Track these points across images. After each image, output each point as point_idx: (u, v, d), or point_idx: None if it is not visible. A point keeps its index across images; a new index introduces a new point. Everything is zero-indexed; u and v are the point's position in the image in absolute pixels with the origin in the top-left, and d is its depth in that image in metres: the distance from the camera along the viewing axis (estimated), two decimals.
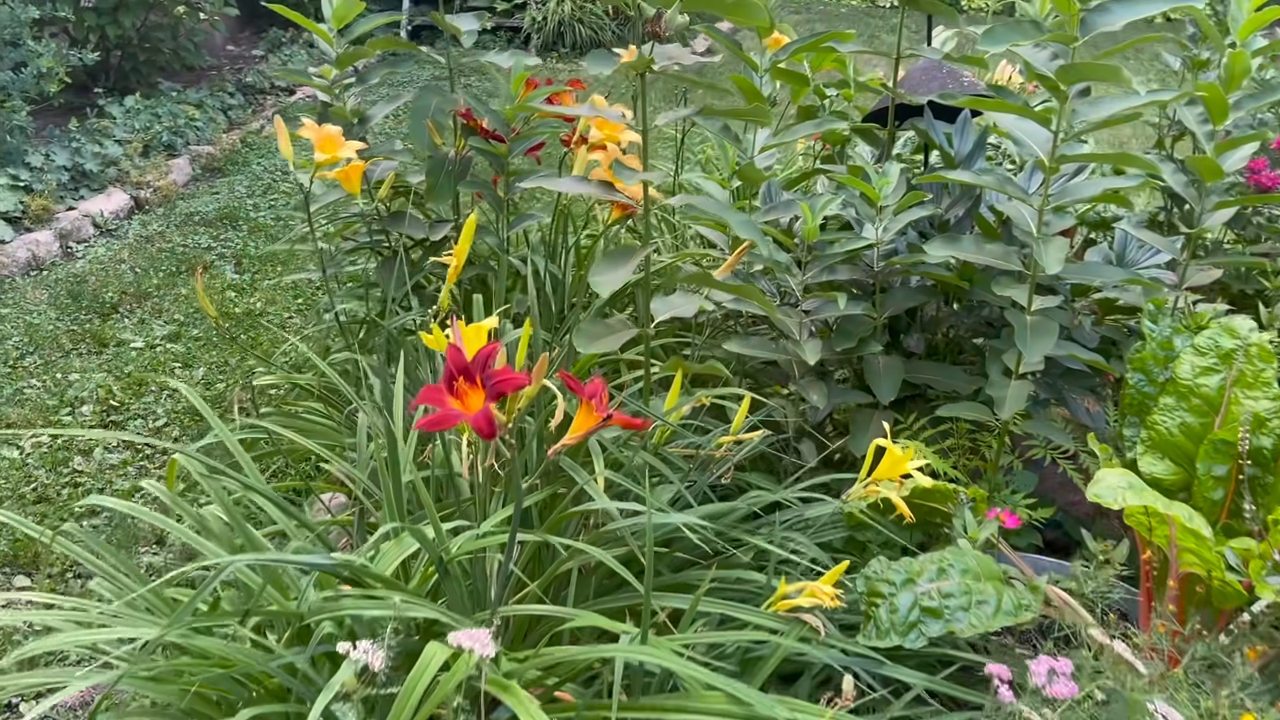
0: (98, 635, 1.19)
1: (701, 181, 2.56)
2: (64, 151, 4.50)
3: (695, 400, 1.73)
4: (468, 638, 0.99)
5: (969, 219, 2.26)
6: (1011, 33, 1.68)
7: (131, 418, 2.81)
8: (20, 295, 3.54)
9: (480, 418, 1.08)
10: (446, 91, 2.38)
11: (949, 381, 2.17)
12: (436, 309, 1.53)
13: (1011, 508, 2.03)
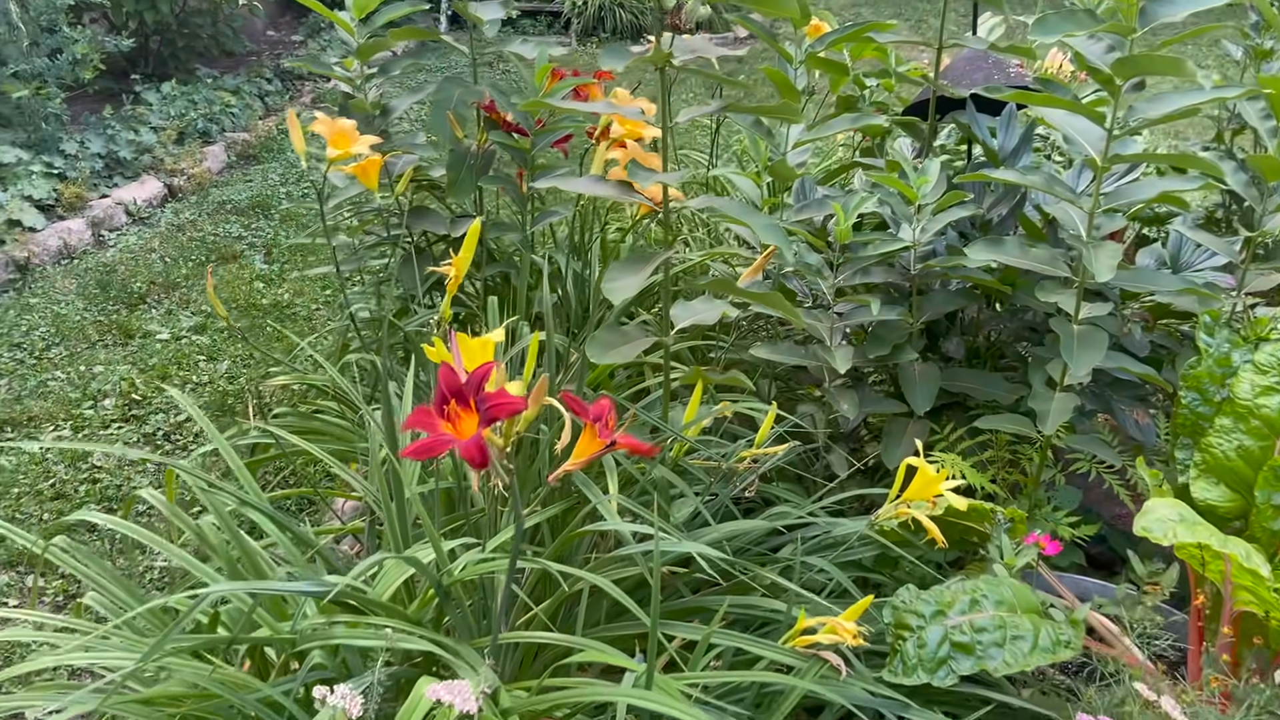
0: (72, 658, 1.13)
1: (734, 177, 2.47)
2: (99, 139, 4.49)
3: (717, 412, 1.64)
4: (447, 691, 0.91)
5: (1012, 219, 2.15)
6: (1065, 22, 1.57)
7: (153, 411, 2.77)
8: (50, 284, 3.53)
9: (471, 445, 1.00)
10: (469, 82, 2.30)
11: (989, 390, 2.06)
12: (439, 319, 1.45)
13: (1053, 527, 1.93)
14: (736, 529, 1.58)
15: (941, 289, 2.18)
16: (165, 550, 1.35)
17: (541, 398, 1.10)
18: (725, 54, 1.56)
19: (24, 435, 2.65)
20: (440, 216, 2.37)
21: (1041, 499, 2.01)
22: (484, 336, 1.27)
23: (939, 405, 2.18)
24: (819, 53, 2.22)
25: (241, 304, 3.41)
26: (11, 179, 4.04)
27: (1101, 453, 1.87)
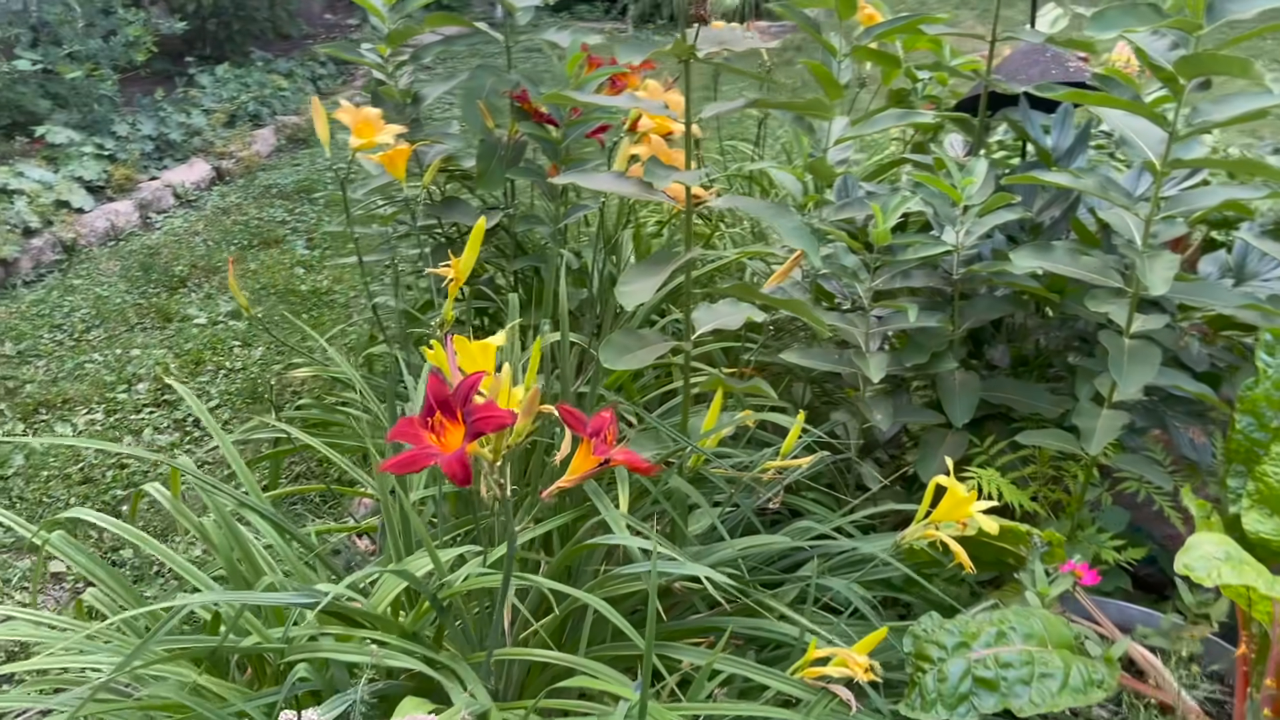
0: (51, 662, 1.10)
1: (776, 172, 2.39)
2: (150, 121, 4.52)
3: (738, 421, 1.57)
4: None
5: (1065, 223, 2.04)
6: (1125, 17, 1.46)
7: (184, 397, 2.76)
8: (94, 266, 3.55)
9: (453, 461, 0.94)
10: (502, 71, 2.25)
11: (1033, 402, 1.96)
12: (439, 321, 1.40)
13: (1095, 550, 1.83)
14: (752, 544, 1.51)
15: (987, 294, 2.08)
16: (157, 552, 1.32)
17: (533, 410, 1.03)
18: (759, 45, 1.48)
19: (58, 417, 2.66)
20: (470, 208, 2.32)
21: (1086, 519, 1.91)
22: (485, 341, 1.21)
23: (980, 416, 2.08)
24: (869, 44, 2.12)
25: (280, 289, 3.40)
26: (63, 160, 4.07)
27: (1149, 474, 1.76)
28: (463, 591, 1.29)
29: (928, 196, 1.91)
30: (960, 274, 1.92)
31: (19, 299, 3.29)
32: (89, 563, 1.35)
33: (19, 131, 4.38)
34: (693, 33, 1.36)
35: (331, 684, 1.17)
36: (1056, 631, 1.34)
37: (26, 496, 2.35)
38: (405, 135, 2.30)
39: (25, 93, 4.41)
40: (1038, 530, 1.64)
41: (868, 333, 1.92)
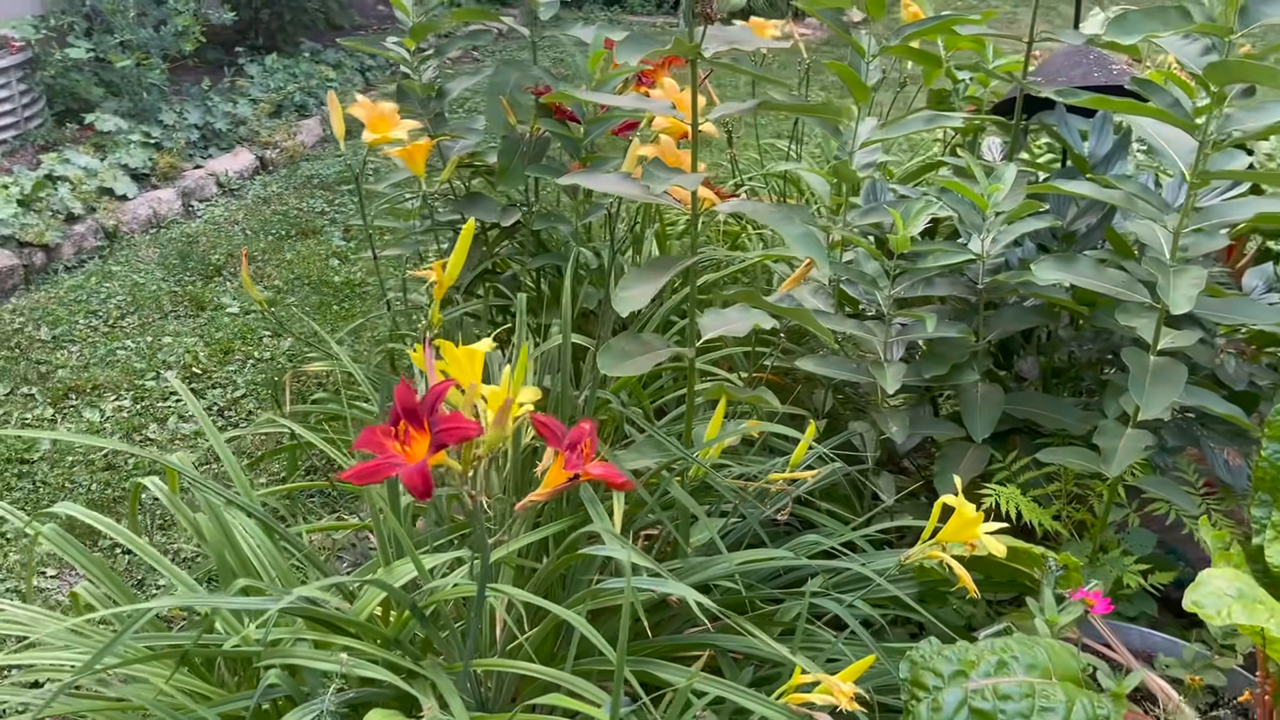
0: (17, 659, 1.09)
1: (805, 173, 2.33)
2: (197, 110, 4.57)
3: (742, 430, 1.53)
4: None
5: (1099, 233, 1.97)
6: (1149, 21, 1.40)
7: (212, 386, 2.78)
8: (134, 253, 3.60)
9: (414, 473, 0.92)
10: (527, 66, 2.22)
11: (1059, 418, 1.89)
12: (427, 325, 1.37)
13: (1119, 574, 1.76)
14: (751, 559, 1.46)
15: (1015, 304, 2.02)
16: (140, 551, 1.31)
17: (506, 421, 1.00)
18: (771, 45, 1.44)
19: (86, 403, 2.69)
20: (493, 204, 2.30)
21: (1112, 541, 1.84)
22: (470, 347, 1.18)
23: (1005, 430, 2.01)
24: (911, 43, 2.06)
25: (314, 280, 3.41)
26: (111, 147, 4.13)
27: (1175, 497, 1.69)
28: (444, 600, 1.27)
29: (953, 202, 1.85)
30: (985, 283, 1.86)
31: (59, 284, 3.34)
32: (80, 556, 1.35)
33: (71, 119, 4.45)
34: (700, 31, 1.32)
35: (300, 692, 1.15)
36: (1062, 662, 1.29)
37: (50, 481, 2.37)
38: (430, 130, 2.29)
39: (79, 80, 4.49)
40: (1053, 553, 1.58)
41: (887, 341, 1.86)
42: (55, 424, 2.60)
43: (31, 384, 2.76)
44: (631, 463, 1.49)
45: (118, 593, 1.38)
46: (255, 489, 2.12)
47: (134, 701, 1.06)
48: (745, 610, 1.41)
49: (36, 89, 4.40)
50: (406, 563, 1.32)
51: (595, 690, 1.18)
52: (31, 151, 4.20)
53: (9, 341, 2.96)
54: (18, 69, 4.26)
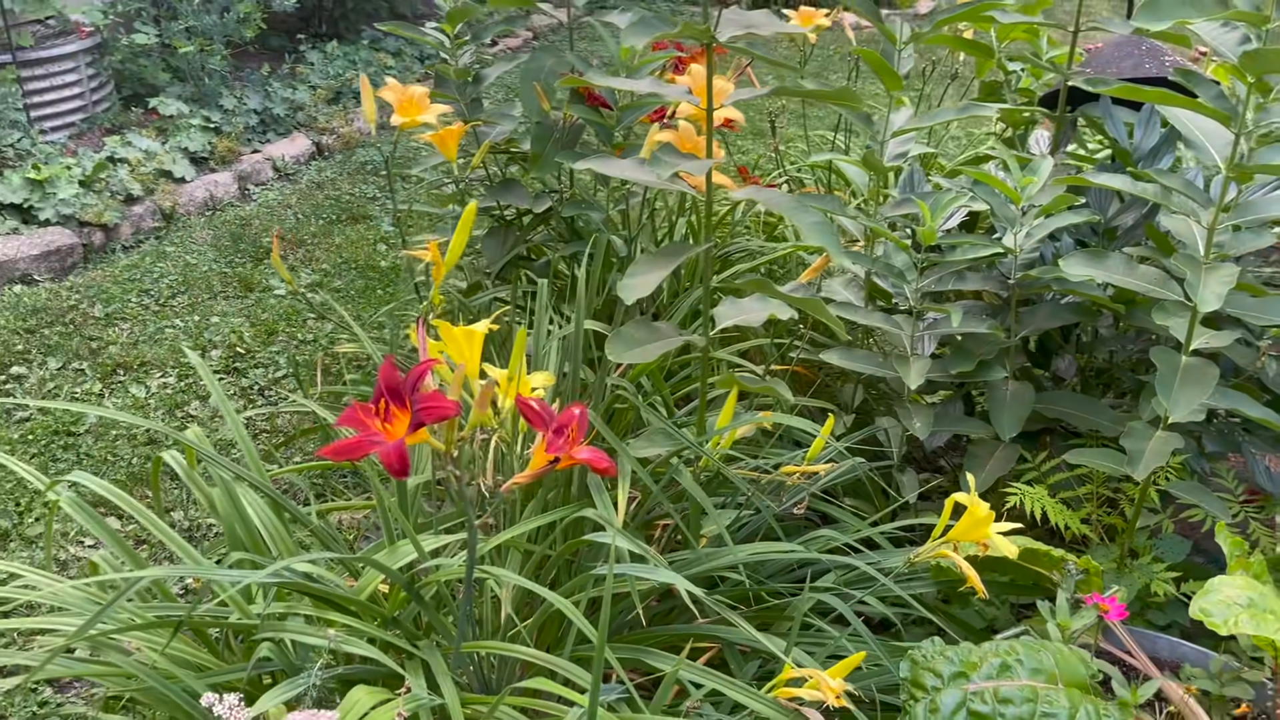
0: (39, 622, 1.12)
1: (842, 164, 2.30)
2: (256, 95, 4.64)
3: (755, 421, 1.51)
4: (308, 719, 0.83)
5: (1140, 229, 1.91)
6: (1181, 7, 1.34)
7: (255, 365, 2.83)
8: (189, 234, 3.67)
9: (391, 451, 0.92)
10: (562, 52, 2.22)
11: (1092, 418, 1.84)
12: (427, 305, 1.38)
13: (1147, 580, 1.71)
14: (759, 551, 1.45)
15: (1051, 301, 1.96)
16: (149, 524, 1.34)
17: (487, 401, 1.00)
18: (792, 30, 1.41)
19: (133, 379, 2.75)
20: (525, 190, 2.30)
21: (1143, 547, 1.79)
22: (469, 327, 1.18)
23: (1037, 430, 1.97)
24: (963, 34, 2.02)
25: (361, 264, 3.45)
26: (173, 131, 4.22)
27: (1208, 504, 1.64)
28: (443, 580, 1.27)
29: (986, 195, 1.81)
30: (1017, 278, 1.82)
31: (115, 263, 3.42)
32: (96, 525, 1.38)
33: (137, 103, 4.56)
34: (716, 14, 1.30)
35: (294, 666, 1.16)
36: (1070, 667, 1.25)
37: (93, 454, 2.43)
38: (465, 115, 2.30)
39: (146, 65, 4.60)
40: (1073, 557, 1.54)
41: (914, 335, 1.83)
42: (103, 399, 2.67)
43: (83, 359, 2.84)
44: (641, 451, 1.48)
45: (131, 562, 1.40)
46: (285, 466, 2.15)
47: (120, 667, 1.08)
48: (753, 603, 1.39)
49: (104, 73, 4.51)
50: (406, 544, 1.33)
51: (572, 672, 1.18)
52: (98, 134, 4.31)
53: (64, 318, 3.04)
54: (86, 54, 4.37)
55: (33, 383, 2.72)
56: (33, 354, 2.84)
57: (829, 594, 1.37)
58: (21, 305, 3.09)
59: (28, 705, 1.76)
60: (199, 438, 1.47)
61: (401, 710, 0.97)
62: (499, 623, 1.40)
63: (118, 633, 1.13)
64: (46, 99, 4.20)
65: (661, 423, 1.44)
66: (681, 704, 1.24)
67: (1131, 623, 1.77)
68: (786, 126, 4.04)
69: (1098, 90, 1.54)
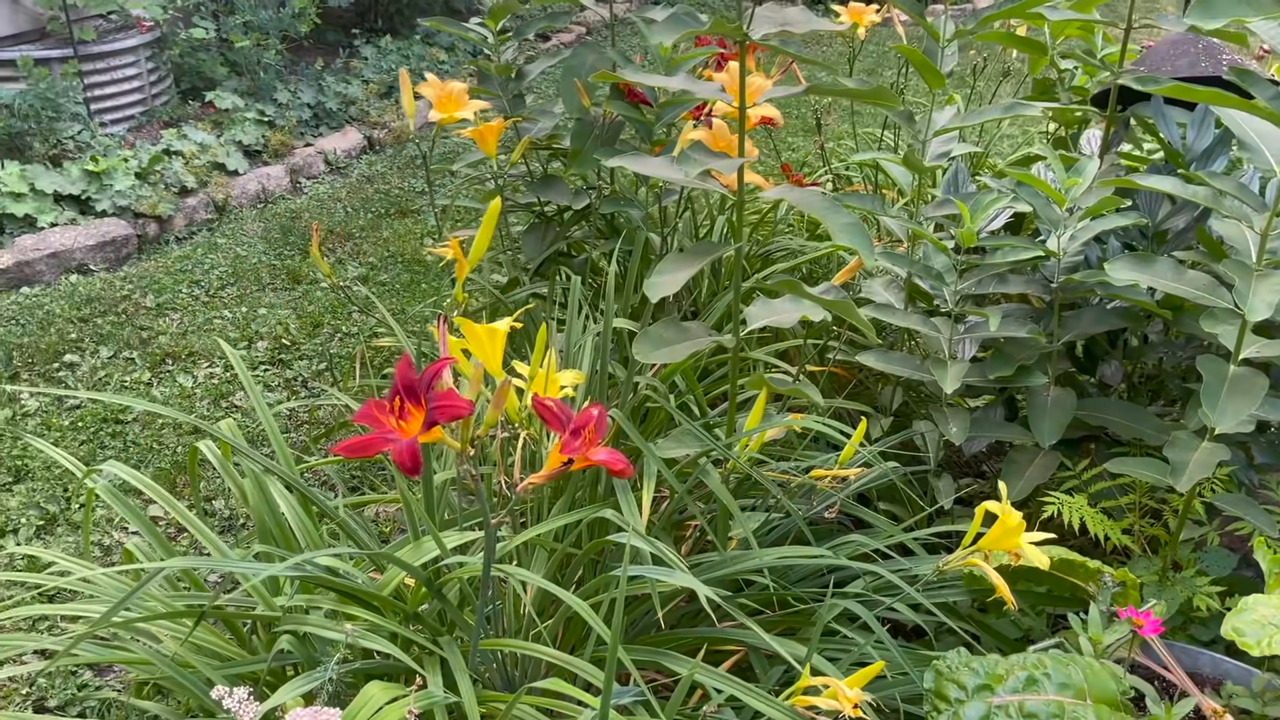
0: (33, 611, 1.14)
1: (886, 163, 2.27)
2: (309, 89, 4.70)
3: (784, 424, 1.49)
4: (311, 717, 0.84)
5: (1191, 232, 1.85)
6: (1236, 5, 1.30)
7: (299, 357, 2.87)
8: (239, 226, 3.73)
9: (404, 450, 0.92)
10: (604, 49, 2.21)
11: (1136, 426, 1.79)
12: (451, 301, 1.37)
13: (1189, 594, 1.66)
14: (786, 555, 1.43)
15: (1097, 305, 1.92)
16: (176, 512, 1.35)
17: (503, 401, 1.00)
18: (828, 28, 1.39)
19: (181, 369, 2.80)
20: (566, 187, 2.30)
21: (1188, 560, 1.74)
22: (490, 325, 1.18)
23: (1079, 437, 1.92)
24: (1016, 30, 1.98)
25: (408, 258, 3.48)
26: (227, 124, 4.29)
27: (1255, 517, 1.59)
28: (462, 578, 1.27)
29: (1029, 197, 1.77)
30: (1060, 282, 1.77)
31: (168, 254, 3.49)
32: (129, 513, 1.40)
33: (195, 96, 4.64)
34: (748, 12, 1.29)
35: (313, 659, 1.17)
36: (1100, 683, 1.22)
37: (140, 442, 2.48)
38: (508, 110, 2.30)
39: (205, 59, 4.67)
40: (1109, 569, 1.50)
41: (952, 339, 1.79)
42: (151, 387, 2.72)
43: (133, 348, 2.89)
44: (668, 451, 1.47)
45: (162, 550, 1.43)
46: (326, 458, 2.17)
47: (136, 654, 1.09)
48: (779, 608, 1.38)
49: (164, 67, 4.59)
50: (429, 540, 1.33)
51: (586, 671, 1.17)
52: (156, 127, 4.40)
53: (117, 307, 3.10)
54: (146, 48, 4.45)
55: (84, 370, 2.78)
56: (85, 342, 2.90)
57: (854, 600, 1.35)
58: (77, 294, 3.16)
59: (68, 687, 1.79)
60: (233, 430, 1.49)
61: (412, 708, 0.97)
62: (521, 621, 1.40)
63: (142, 621, 1.15)
64: (107, 92, 4.29)
65: (687, 424, 1.43)
66: (700, 709, 1.23)
67: (1174, 637, 1.73)
68: (837, 124, 4.00)
69: (1148, 89, 1.50)
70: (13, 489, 2.31)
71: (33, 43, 4.25)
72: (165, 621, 1.23)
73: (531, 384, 1.29)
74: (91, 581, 1.36)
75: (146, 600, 1.27)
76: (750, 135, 2.14)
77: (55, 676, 1.80)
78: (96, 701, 1.74)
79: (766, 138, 4.01)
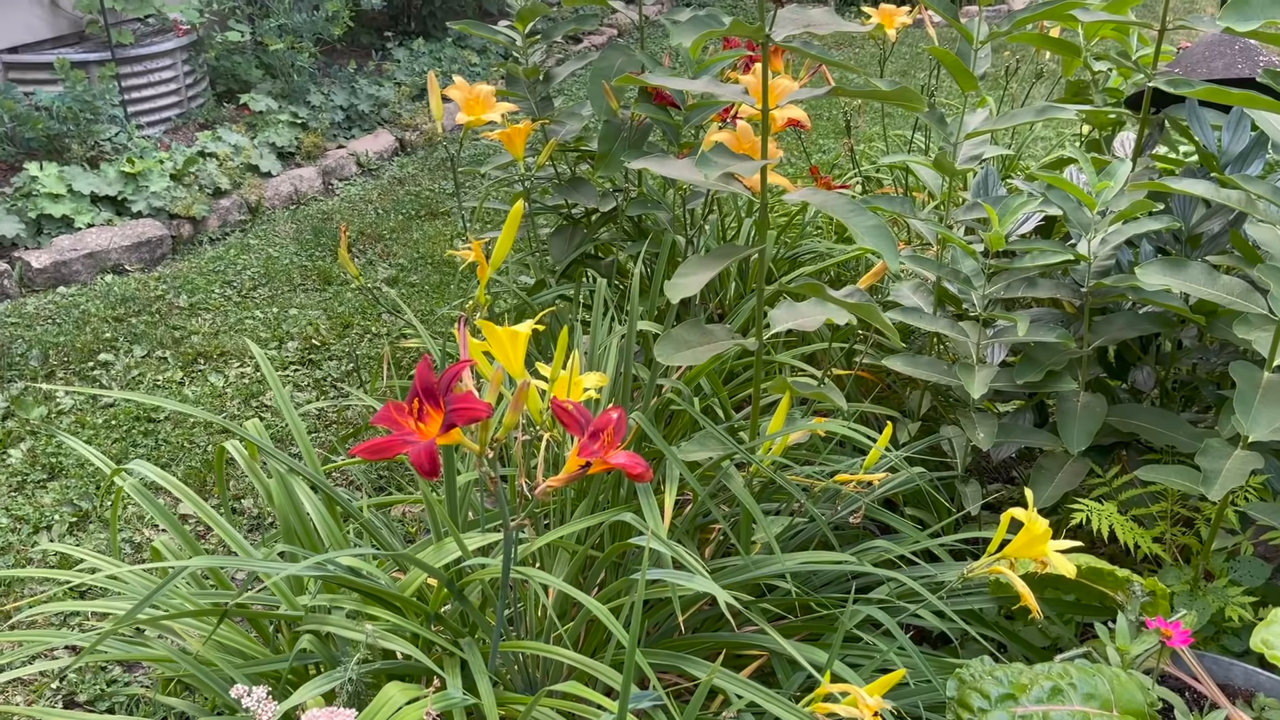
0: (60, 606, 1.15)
1: (915, 166, 2.25)
2: (342, 92, 4.74)
3: (808, 428, 1.48)
4: (327, 718, 0.84)
5: (1225, 236, 1.82)
6: (1270, 6, 1.28)
7: (328, 357, 2.89)
8: (272, 228, 3.76)
9: (422, 452, 0.92)
10: (632, 51, 2.21)
11: (1168, 433, 1.77)
12: (472, 303, 1.38)
13: (1222, 604, 1.63)
14: (809, 561, 1.42)
15: (1129, 310, 1.89)
16: (199, 510, 1.37)
17: (522, 403, 1.00)
18: (852, 29, 1.38)
19: (212, 368, 2.83)
20: (594, 189, 2.30)
21: (1222, 569, 1.71)
22: (513, 328, 1.18)
23: (1110, 443, 1.90)
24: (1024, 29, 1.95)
25: (437, 260, 3.50)
26: (262, 126, 4.34)
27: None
28: (484, 579, 1.27)
29: (1059, 200, 1.75)
30: (1090, 286, 1.75)
31: (201, 255, 3.53)
32: (156, 511, 1.42)
33: (230, 99, 4.70)
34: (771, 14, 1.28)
35: (335, 659, 1.18)
36: (1127, 694, 1.20)
37: (171, 440, 2.51)
38: (535, 113, 2.31)
39: (240, 62, 4.73)
40: (1138, 578, 1.48)
41: (980, 343, 1.78)
42: (183, 386, 2.75)
43: (166, 348, 2.92)
44: (691, 455, 1.46)
45: (189, 548, 1.44)
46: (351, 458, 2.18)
47: (161, 652, 1.10)
48: (802, 613, 1.37)
49: (200, 70, 4.65)
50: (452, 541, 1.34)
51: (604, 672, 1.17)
52: (192, 129, 4.45)
53: (151, 307, 3.14)
54: (182, 51, 4.51)
55: (118, 369, 2.81)
56: (120, 341, 2.94)
57: (877, 607, 1.34)
58: (112, 294, 3.20)
59: (97, 683, 1.82)
60: (259, 431, 1.50)
61: (431, 709, 0.97)
62: (543, 623, 1.40)
63: (166, 619, 1.16)
64: (144, 95, 4.34)
65: (709, 427, 1.42)
66: (720, 714, 1.23)
67: (1205, 648, 1.70)
68: (868, 125, 3.98)
69: (1181, 93, 1.48)
70: (47, 485, 2.34)
71: (71, 46, 4.31)
72: (190, 619, 1.24)
73: (554, 386, 1.29)
74: (120, 579, 1.38)
75: (172, 598, 1.28)
76: (778, 138, 2.13)
77: (85, 672, 1.82)
78: (125, 697, 1.76)
79: (796, 140, 3.99)
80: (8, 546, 2.14)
